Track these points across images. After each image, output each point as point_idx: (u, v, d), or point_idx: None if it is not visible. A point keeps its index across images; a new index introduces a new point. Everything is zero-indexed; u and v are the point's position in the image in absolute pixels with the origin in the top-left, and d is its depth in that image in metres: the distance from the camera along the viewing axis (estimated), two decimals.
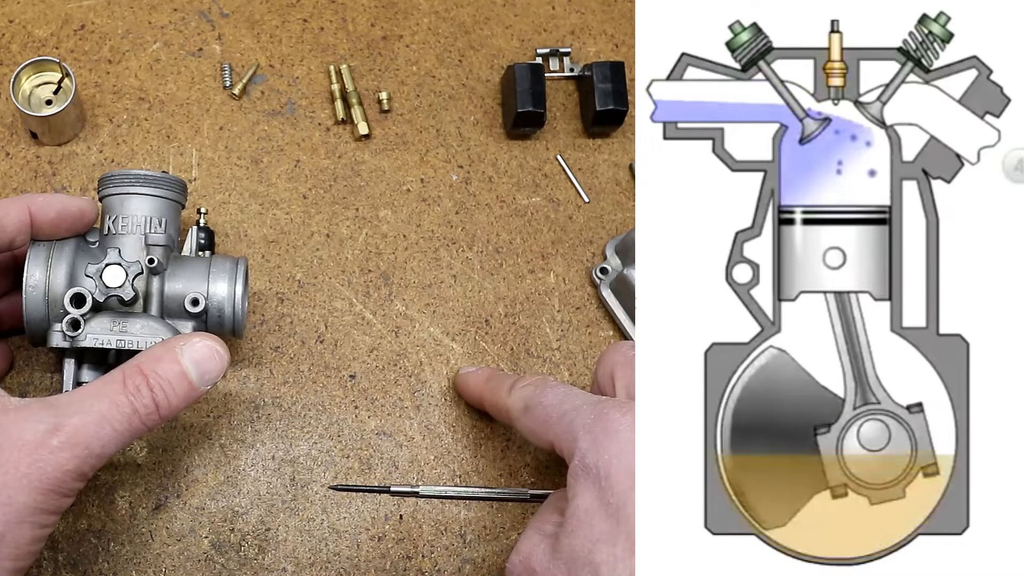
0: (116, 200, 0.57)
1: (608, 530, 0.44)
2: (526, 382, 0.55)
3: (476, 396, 0.61)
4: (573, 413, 0.49)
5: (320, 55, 0.74)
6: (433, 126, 0.73)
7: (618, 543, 0.44)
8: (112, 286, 0.53)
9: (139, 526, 0.62)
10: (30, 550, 0.47)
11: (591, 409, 0.48)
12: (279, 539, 0.62)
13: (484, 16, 0.77)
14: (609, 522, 0.44)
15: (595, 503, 0.45)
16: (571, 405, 0.50)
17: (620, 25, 0.77)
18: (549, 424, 0.50)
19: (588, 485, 0.46)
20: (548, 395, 0.52)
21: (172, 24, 0.73)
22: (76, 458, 0.47)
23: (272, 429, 0.65)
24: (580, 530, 0.45)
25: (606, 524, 0.44)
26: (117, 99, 0.71)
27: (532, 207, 0.72)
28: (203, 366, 0.51)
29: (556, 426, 0.50)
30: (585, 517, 0.45)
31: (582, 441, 0.47)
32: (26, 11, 0.73)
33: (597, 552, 0.44)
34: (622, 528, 0.44)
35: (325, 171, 0.71)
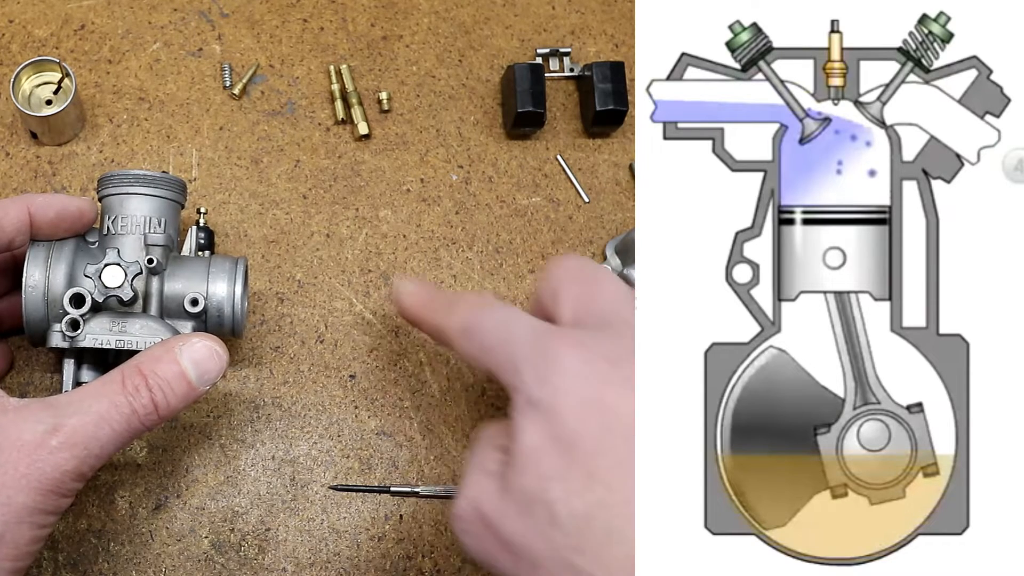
0: (115, 200, 0.57)
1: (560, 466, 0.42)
2: (464, 300, 0.52)
3: (413, 316, 0.57)
4: (515, 341, 0.46)
5: (320, 55, 0.74)
6: (433, 126, 0.73)
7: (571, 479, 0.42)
8: (111, 286, 0.53)
9: (139, 526, 0.62)
10: (29, 550, 0.47)
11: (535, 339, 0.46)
12: (279, 539, 0.62)
13: (484, 16, 0.77)
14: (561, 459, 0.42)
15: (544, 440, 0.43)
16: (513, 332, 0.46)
17: (620, 25, 0.77)
18: (489, 351, 0.47)
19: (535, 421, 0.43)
20: (488, 318, 0.49)
21: (172, 24, 0.73)
22: (75, 458, 0.47)
23: (272, 429, 0.65)
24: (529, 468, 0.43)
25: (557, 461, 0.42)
26: (117, 99, 0.71)
27: (532, 207, 0.72)
28: (202, 366, 0.51)
29: (497, 354, 0.47)
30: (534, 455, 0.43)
31: (526, 374, 0.44)
32: (26, 11, 0.73)
33: (550, 490, 0.42)
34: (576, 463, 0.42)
35: (325, 171, 0.71)
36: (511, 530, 0.43)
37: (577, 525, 0.41)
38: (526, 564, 0.43)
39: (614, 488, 0.41)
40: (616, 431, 0.42)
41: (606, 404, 0.43)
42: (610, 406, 0.43)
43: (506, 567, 0.44)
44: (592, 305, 0.48)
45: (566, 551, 0.41)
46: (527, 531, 0.43)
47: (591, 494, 0.41)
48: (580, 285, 0.49)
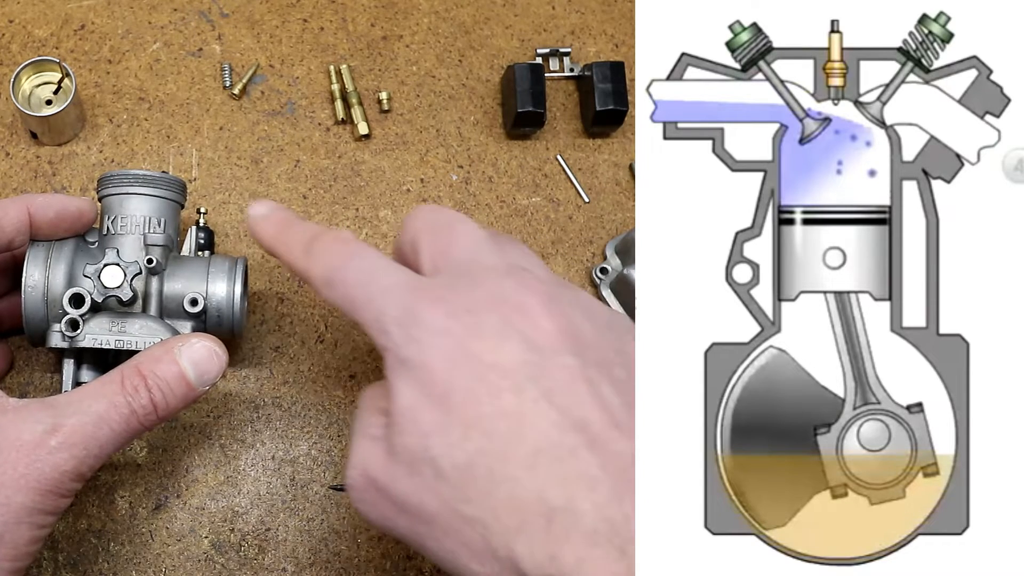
0: (115, 200, 0.57)
1: (437, 421, 0.42)
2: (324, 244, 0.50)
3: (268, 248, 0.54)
4: (381, 298, 0.46)
5: (320, 55, 0.74)
6: (433, 126, 0.73)
7: (450, 431, 0.42)
8: (110, 286, 0.53)
9: (139, 526, 0.62)
10: (28, 551, 0.47)
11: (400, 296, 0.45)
12: (279, 539, 0.62)
13: (484, 16, 0.77)
14: (437, 413, 0.42)
15: (418, 397, 0.43)
16: (378, 287, 0.46)
17: (620, 25, 0.77)
18: (355, 306, 0.47)
19: (408, 380, 0.44)
20: (352, 271, 0.48)
21: (172, 24, 0.73)
22: (74, 459, 0.47)
23: (272, 429, 0.65)
24: (409, 427, 0.43)
25: (434, 416, 0.42)
26: (117, 99, 0.71)
27: (532, 207, 0.72)
28: (201, 367, 0.51)
29: (364, 311, 0.46)
30: (411, 413, 0.43)
31: (394, 335, 0.44)
32: (26, 11, 0.73)
33: (431, 446, 0.42)
34: (452, 416, 0.42)
35: (325, 171, 0.71)
36: (402, 491, 0.44)
37: (461, 476, 0.42)
38: (421, 522, 0.43)
39: (492, 434, 0.42)
40: (486, 378, 0.43)
41: (472, 354, 0.43)
42: (476, 355, 0.43)
43: (404, 529, 0.44)
44: (449, 253, 0.48)
45: (455, 502, 0.42)
46: (416, 489, 0.43)
47: (470, 443, 0.42)
48: (436, 234, 0.49)
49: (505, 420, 0.42)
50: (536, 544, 0.40)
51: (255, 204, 0.54)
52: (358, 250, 0.49)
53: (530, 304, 0.45)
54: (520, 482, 0.41)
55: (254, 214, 0.54)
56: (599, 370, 0.44)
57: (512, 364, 0.43)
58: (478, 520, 0.41)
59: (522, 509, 0.41)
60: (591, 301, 0.48)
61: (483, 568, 0.42)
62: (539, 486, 0.41)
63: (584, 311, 0.46)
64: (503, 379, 0.43)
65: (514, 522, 0.41)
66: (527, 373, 0.43)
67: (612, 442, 0.42)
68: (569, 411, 0.42)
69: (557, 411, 0.42)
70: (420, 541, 0.44)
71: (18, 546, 0.46)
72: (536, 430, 0.41)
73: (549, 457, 0.41)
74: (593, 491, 0.40)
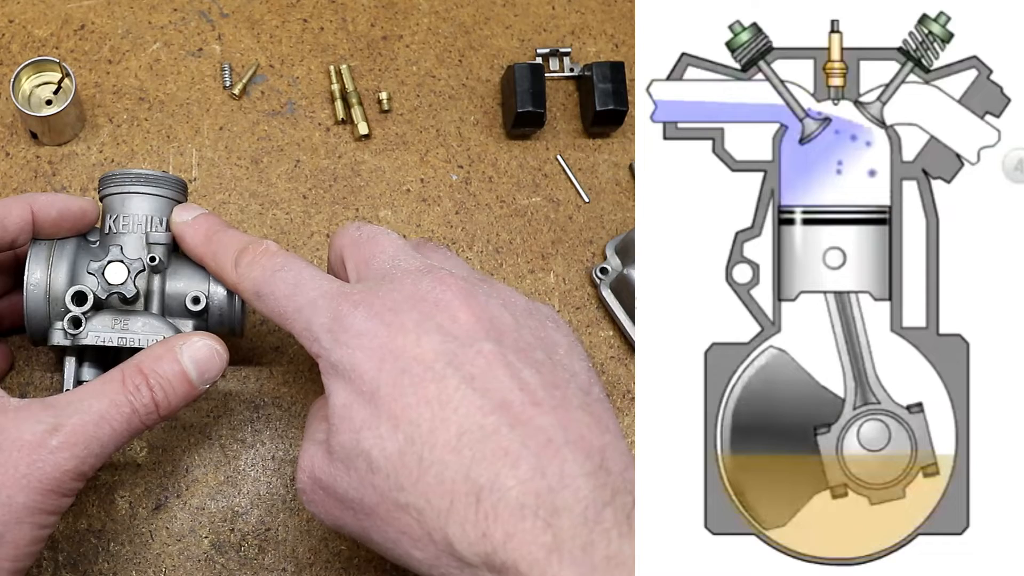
0: (117, 199, 0.57)
1: (368, 417, 0.45)
2: (251, 257, 0.52)
3: (195, 256, 0.56)
4: (309, 309, 0.48)
5: (320, 55, 0.74)
6: (433, 126, 0.73)
7: (380, 425, 0.44)
8: (114, 283, 0.53)
9: (139, 526, 0.62)
10: (29, 550, 0.47)
11: (326, 304, 0.48)
12: (279, 539, 0.62)
13: (484, 16, 0.77)
14: (367, 410, 0.45)
15: (350, 397, 0.45)
16: (306, 299, 0.49)
17: (620, 25, 0.77)
18: (286, 319, 0.50)
19: (340, 382, 0.46)
20: (279, 283, 0.50)
21: (172, 24, 0.73)
22: (75, 458, 0.47)
23: (272, 429, 0.65)
24: (343, 426, 0.45)
25: (365, 412, 0.45)
26: (117, 99, 0.71)
27: (532, 207, 0.72)
28: (203, 365, 0.51)
29: (294, 322, 0.49)
30: (344, 412, 0.45)
31: (324, 341, 0.47)
32: (26, 11, 0.73)
33: (363, 440, 0.44)
34: (381, 410, 0.44)
35: (325, 171, 0.71)
36: (343, 487, 0.46)
37: (393, 465, 0.44)
38: (364, 515, 0.45)
39: (419, 423, 0.44)
40: (410, 371, 0.45)
41: (396, 349, 0.45)
42: (400, 350, 0.45)
43: (352, 525, 0.46)
44: (372, 262, 0.51)
45: (389, 492, 0.44)
46: (355, 484, 0.45)
47: (399, 433, 0.44)
48: (360, 247, 0.52)
49: (429, 408, 0.44)
50: (467, 523, 0.42)
51: (179, 209, 0.57)
52: (285, 262, 0.51)
53: (447, 299, 0.47)
54: (448, 465, 0.43)
55: (178, 220, 0.56)
56: (518, 354, 0.46)
57: (432, 355, 0.45)
58: (412, 506, 0.43)
59: (451, 491, 0.42)
60: (510, 293, 0.50)
61: (423, 553, 0.44)
62: (465, 466, 0.42)
63: (502, 301, 0.48)
64: (425, 370, 0.44)
65: (445, 504, 0.42)
66: (447, 362, 0.45)
67: (533, 419, 0.43)
68: (490, 394, 0.44)
69: (478, 395, 0.44)
70: (367, 535, 0.46)
71: (19, 546, 0.46)
72: (459, 414, 0.43)
73: (472, 438, 0.43)
74: (516, 467, 0.42)
